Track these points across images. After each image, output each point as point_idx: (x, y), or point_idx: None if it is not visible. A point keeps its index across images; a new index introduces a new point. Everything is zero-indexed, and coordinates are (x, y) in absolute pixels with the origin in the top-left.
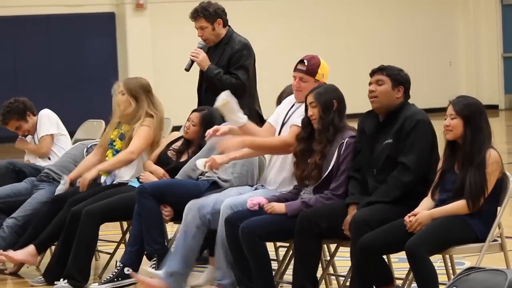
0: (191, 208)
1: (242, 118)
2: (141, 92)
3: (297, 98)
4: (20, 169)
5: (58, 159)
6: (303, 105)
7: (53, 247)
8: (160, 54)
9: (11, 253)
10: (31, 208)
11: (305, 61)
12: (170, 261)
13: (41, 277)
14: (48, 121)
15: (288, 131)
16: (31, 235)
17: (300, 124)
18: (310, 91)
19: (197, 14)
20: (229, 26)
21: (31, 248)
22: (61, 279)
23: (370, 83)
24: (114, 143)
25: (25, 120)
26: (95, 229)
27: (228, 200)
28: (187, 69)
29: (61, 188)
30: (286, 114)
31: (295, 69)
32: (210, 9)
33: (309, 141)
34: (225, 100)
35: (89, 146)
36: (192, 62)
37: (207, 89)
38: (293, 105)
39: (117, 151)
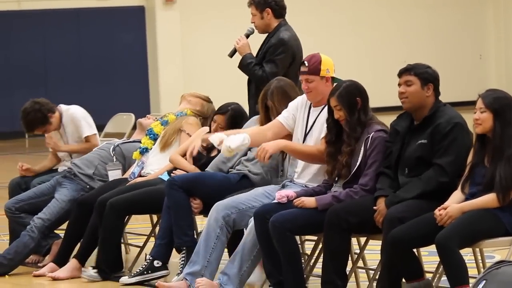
0: (215, 209)
1: (245, 143)
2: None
3: (310, 99)
4: (27, 187)
5: (86, 154)
6: (325, 111)
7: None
8: (189, 47)
9: (57, 273)
10: (56, 211)
11: (306, 62)
12: (192, 261)
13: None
14: (86, 122)
15: (320, 143)
16: (69, 244)
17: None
18: (330, 93)
19: (249, 1)
20: (283, 18)
21: (74, 262)
22: (90, 267)
23: (399, 84)
24: (153, 130)
25: (49, 123)
26: (119, 221)
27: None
28: (230, 56)
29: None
30: (307, 121)
31: (299, 72)
32: None
33: (338, 143)
34: (229, 149)
35: (116, 144)
36: (235, 49)
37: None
38: (310, 107)
39: (155, 135)
